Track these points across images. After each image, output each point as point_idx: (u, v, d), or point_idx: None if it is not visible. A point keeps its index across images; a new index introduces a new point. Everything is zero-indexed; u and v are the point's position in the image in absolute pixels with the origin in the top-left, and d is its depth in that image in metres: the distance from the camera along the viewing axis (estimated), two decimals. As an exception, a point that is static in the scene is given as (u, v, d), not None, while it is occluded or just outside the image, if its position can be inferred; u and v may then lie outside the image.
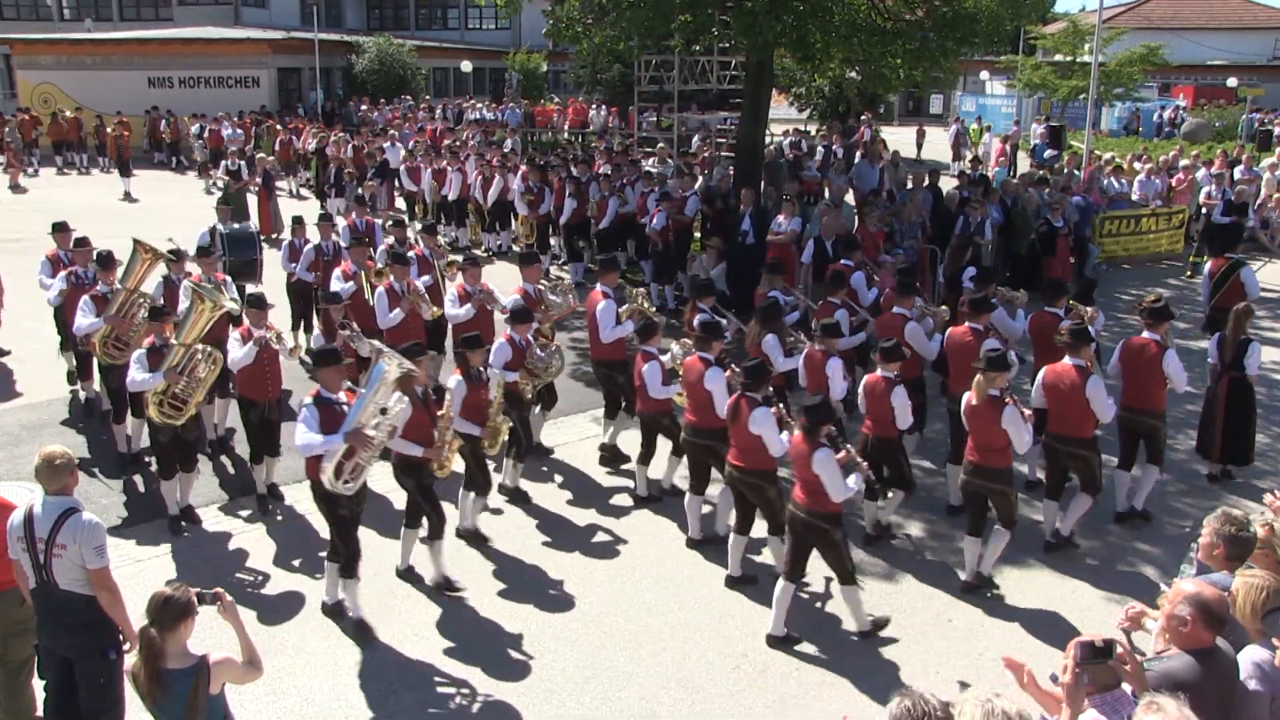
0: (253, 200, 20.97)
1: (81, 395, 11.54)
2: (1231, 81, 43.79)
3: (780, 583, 7.36)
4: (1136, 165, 22.38)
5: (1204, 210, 19.24)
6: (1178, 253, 19.93)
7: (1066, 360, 8.33)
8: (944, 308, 10.25)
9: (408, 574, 8.16)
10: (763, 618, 7.56)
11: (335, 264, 11.98)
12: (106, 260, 10.24)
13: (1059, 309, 9.76)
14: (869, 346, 10.53)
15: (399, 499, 8.48)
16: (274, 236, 19.88)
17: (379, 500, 9.22)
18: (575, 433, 11.12)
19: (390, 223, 13.89)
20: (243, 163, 21.76)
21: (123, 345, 9.69)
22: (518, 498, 9.54)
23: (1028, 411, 7.77)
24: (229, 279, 11.47)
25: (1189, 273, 18.75)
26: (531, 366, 9.44)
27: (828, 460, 6.90)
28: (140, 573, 8.05)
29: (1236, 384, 9.73)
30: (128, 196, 26.23)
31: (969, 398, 7.81)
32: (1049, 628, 7.56)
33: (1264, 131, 35.61)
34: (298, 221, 13.49)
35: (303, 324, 13.02)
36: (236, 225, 14.40)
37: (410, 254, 11.58)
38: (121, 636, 5.65)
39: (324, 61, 37.55)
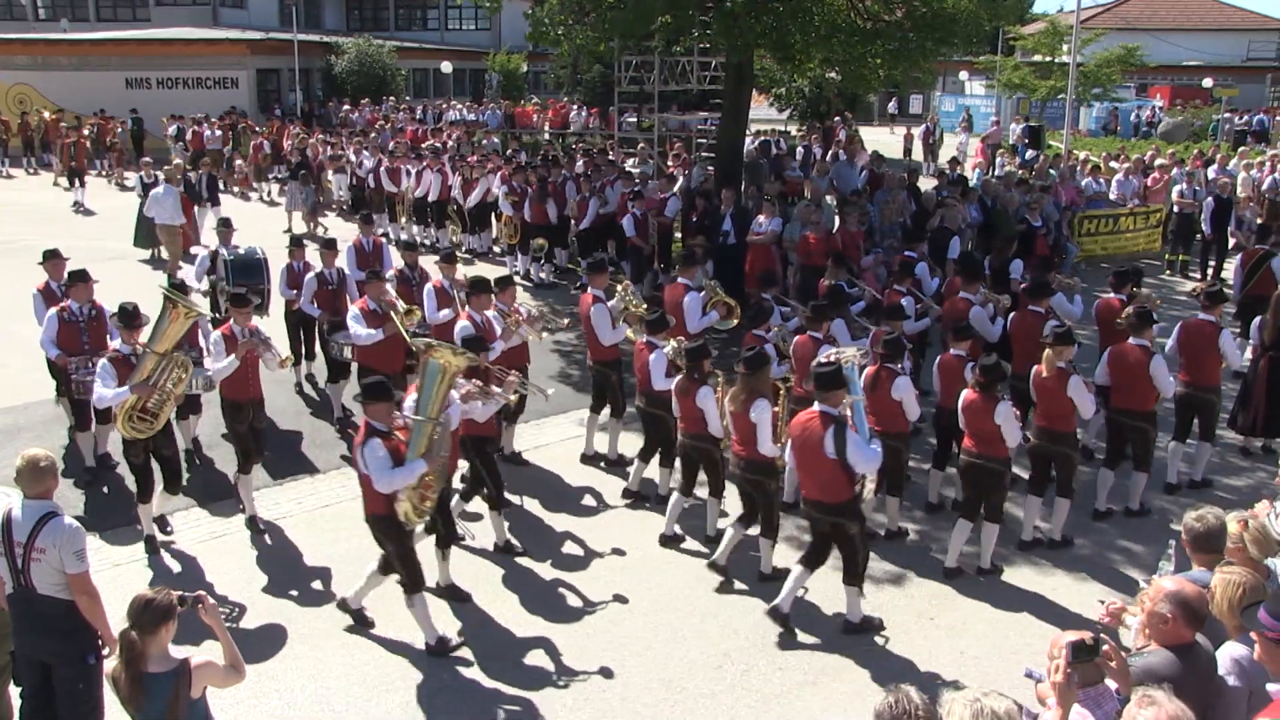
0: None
1: (85, 456, 9.94)
2: (1207, 82, 44.23)
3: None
4: (1114, 165, 22.54)
5: (1175, 208, 19.50)
6: (1155, 251, 20.08)
7: (1131, 340, 9.03)
8: (1005, 295, 10.83)
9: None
10: (745, 618, 7.59)
11: (340, 295, 11.35)
12: (130, 317, 8.38)
13: (1040, 307, 10.00)
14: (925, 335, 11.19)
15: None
16: (189, 251, 17.58)
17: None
18: (557, 434, 11.11)
19: (402, 246, 13.20)
20: (159, 174, 18.59)
21: (151, 416, 8.15)
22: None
23: (1090, 382, 8.49)
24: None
25: (1167, 271, 18.92)
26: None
27: (1008, 412, 7.81)
28: (118, 577, 8.00)
29: (1276, 363, 10.37)
30: (78, 206, 24.34)
31: (1038, 370, 8.47)
32: (1032, 624, 7.60)
33: (1239, 131, 35.93)
34: (296, 243, 12.16)
35: (304, 357, 12.07)
36: (241, 249, 12.73)
37: (429, 286, 10.80)
38: (101, 641, 5.61)
39: (303, 62, 37.41)
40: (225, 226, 13.08)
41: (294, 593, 7.95)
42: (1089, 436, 10.40)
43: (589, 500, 9.69)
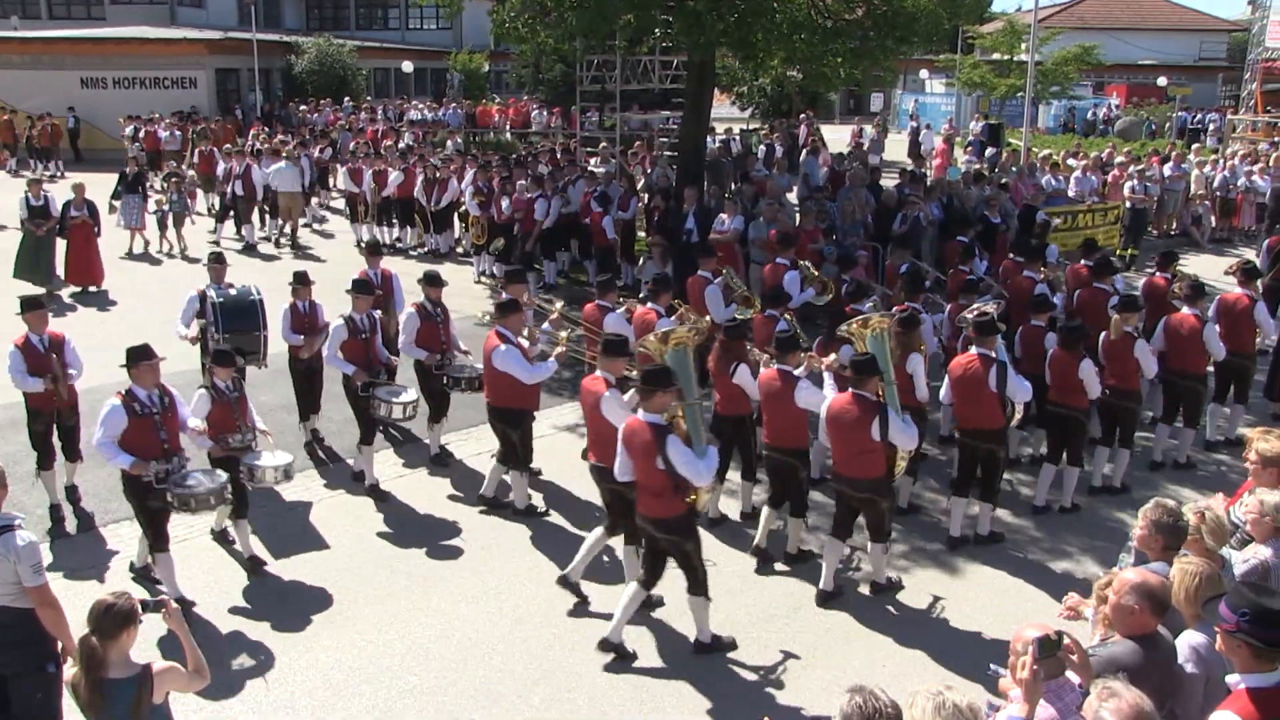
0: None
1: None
2: (1161, 81, 44.86)
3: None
4: (1071, 162, 22.81)
5: (1129, 205, 19.86)
6: (1113, 247, 20.31)
7: (1185, 310, 10.20)
8: (1058, 273, 12.07)
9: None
10: (710, 618, 7.59)
11: (372, 344, 9.75)
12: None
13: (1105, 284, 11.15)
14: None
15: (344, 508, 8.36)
16: (90, 290, 16.29)
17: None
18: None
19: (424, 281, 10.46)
20: (47, 192, 16.85)
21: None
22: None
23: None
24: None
25: (1122, 266, 19.15)
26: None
27: (1090, 367, 8.94)
28: (77, 584, 7.89)
29: None
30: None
31: (1106, 335, 9.56)
32: (994, 619, 7.67)
33: (1193, 129, 36.47)
34: (301, 281, 10.31)
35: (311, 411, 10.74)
36: (234, 289, 10.65)
37: (410, 311, 10.03)
38: (62, 649, 5.51)
39: (262, 62, 37.01)
40: (217, 262, 11.00)
41: (257, 596, 7.88)
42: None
43: (540, 503, 9.62)
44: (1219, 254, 20.06)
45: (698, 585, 7.06)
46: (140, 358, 7.53)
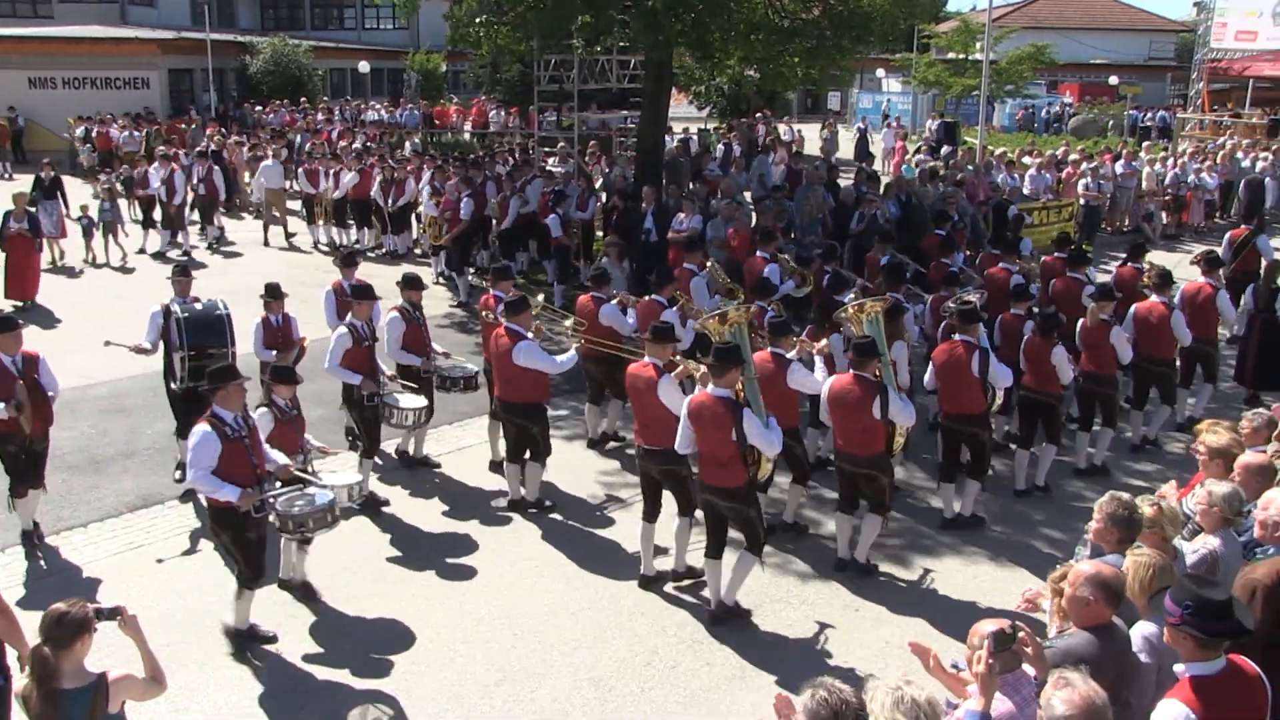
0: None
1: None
2: (1113, 80, 45.56)
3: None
4: (1026, 160, 23.08)
5: (1083, 202, 20.18)
6: (1068, 244, 20.56)
7: (1153, 298, 10.53)
8: (1033, 265, 12.63)
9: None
10: (673, 614, 7.64)
11: (374, 348, 9.43)
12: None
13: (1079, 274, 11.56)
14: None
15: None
16: (25, 305, 15.21)
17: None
18: (478, 436, 10.93)
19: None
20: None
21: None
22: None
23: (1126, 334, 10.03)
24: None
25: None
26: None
27: (1062, 354, 9.31)
28: (31, 591, 7.77)
29: (1268, 324, 11.84)
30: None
31: (1084, 323, 9.90)
32: (953, 612, 7.72)
33: (1144, 128, 37.03)
34: (273, 294, 9.86)
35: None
36: (199, 304, 9.67)
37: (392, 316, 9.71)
38: (19, 658, 5.40)
39: (216, 62, 36.60)
40: (182, 275, 10.12)
41: (214, 603, 7.78)
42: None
43: (504, 502, 9.56)
44: (1170, 250, 20.38)
45: (756, 545, 7.47)
46: (226, 378, 6.94)
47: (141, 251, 19.38)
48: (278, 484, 7.29)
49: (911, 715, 3.56)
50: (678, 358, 8.09)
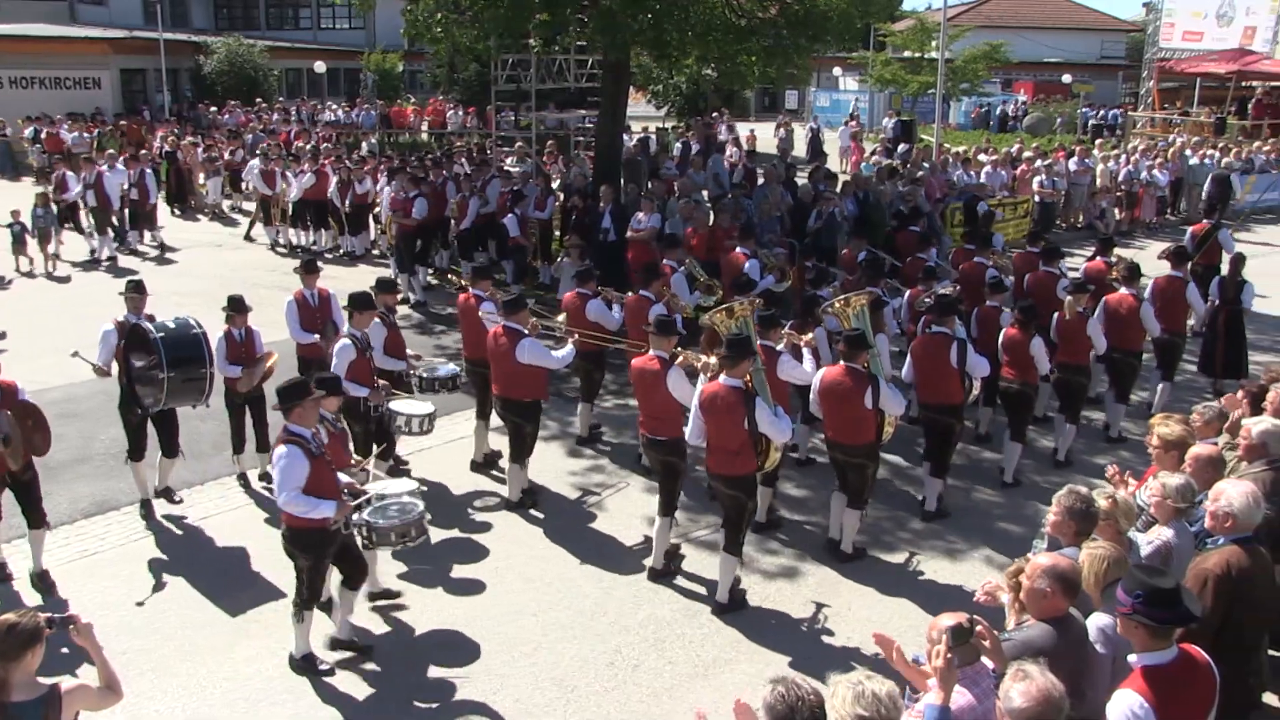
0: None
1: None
2: (1066, 78, 46.14)
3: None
4: (982, 157, 23.32)
5: (1038, 199, 20.44)
6: (1021, 240, 20.80)
7: (1123, 290, 10.77)
8: (1006, 260, 12.77)
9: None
10: (634, 615, 7.63)
11: (373, 357, 9.13)
12: None
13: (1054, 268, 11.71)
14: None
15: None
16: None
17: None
18: (440, 437, 10.88)
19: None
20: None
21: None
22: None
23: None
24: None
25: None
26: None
27: (1040, 345, 9.48)
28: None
29: (1233, 315, 12.15)
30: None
31: (1059, 316, 10.21)
32: (914, 605, 7.81)
33: (1096, 126, 37.55)
34: (236, 307, 9.50)
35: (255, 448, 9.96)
36: (171, 323, 8.97)
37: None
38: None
39: (170, 62, 36.16)
40: (136, 291, 9.44)
41: (171, 608, 7.69)
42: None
43: (471, 502, 9.59)
44: (1123, 246, 20.61)
45: (735, 546, 7.66)
46: (301, 394, 6.68)
47: (93, 256, 18.88)
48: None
49: (872, 709, 3.59)
50: (678, 349, 8.25)
